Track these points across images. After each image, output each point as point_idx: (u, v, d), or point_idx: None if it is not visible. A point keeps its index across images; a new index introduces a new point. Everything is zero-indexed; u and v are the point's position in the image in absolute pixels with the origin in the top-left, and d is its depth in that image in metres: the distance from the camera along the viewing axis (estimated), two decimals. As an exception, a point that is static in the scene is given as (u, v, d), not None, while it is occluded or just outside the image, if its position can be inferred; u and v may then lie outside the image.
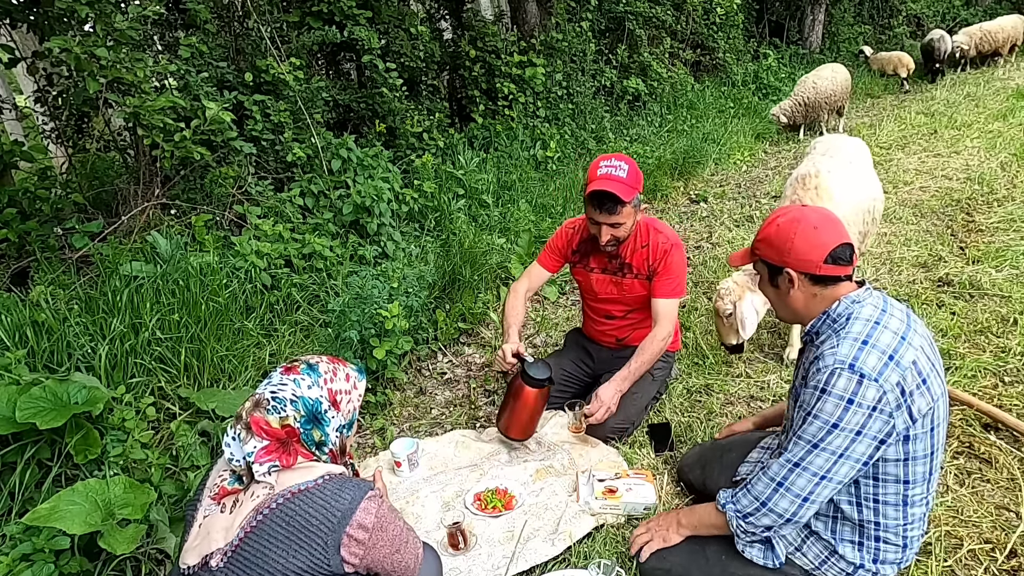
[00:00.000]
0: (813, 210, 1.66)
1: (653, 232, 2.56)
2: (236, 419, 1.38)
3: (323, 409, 1.43)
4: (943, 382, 1.57)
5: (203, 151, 3.51)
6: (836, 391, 1.47)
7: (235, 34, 4.89)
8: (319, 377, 1.45)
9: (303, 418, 1.40)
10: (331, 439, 1.46)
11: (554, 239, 2.76)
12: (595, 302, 2.75)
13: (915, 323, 1.59)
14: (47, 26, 3.28)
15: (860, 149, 3.39)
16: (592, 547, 2.05)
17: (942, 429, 1.56)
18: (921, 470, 1.53)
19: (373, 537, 1.35)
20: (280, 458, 1.36)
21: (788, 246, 1.62)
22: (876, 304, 1.57)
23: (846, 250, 1.59)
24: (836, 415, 1.47)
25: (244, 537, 1.29)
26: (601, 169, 2.37)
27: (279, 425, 1.37)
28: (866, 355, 1.47)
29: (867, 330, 1.51)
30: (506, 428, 2.51)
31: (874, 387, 1.44)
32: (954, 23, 14.17)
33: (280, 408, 1.38)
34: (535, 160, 6.12)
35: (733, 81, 9.63)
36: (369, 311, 3.06)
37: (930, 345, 1.59)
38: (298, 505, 1.31)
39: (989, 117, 7.36)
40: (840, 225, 1.64)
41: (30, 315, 2.59)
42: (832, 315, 1.60)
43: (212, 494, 1.39)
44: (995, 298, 3.32)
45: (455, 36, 7.06)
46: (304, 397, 1.41)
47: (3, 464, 2.08)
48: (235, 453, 1.36)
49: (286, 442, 1.37)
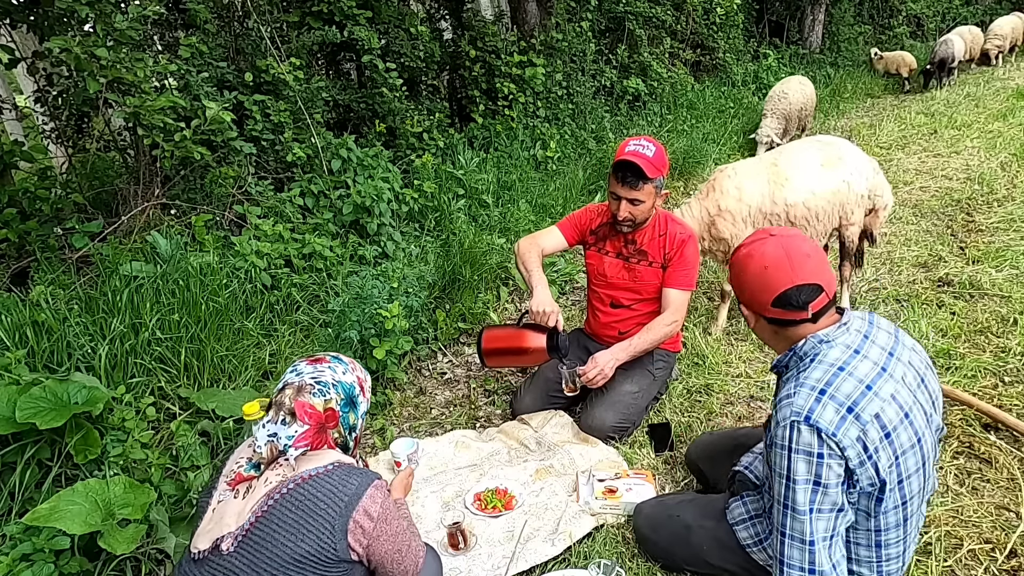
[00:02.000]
0: (774, 244, 1.51)
1: (671, 223, 2.61)
2: (276, 407, 1.43)
3: (356, 393, 1.53)
4: (928, 413, 1.47)
5: (203, 151, 3.51)
6: (801, 447, 1.39)
7: (235, 34, 4.89)
8: (347, 365, 1.55)
9: (343, 401, 1.49)
10: (359, 425, 1.56)
11: (578, 213, 2.78)
12: (604, 288, 2.74)
13: (902, 349, 1.50)
14: (47, 26, 3.28)
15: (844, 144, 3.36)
16: (592, 547, 2.05)
17: (924, 470, 1.45)
18: (893, 519, 1.45)
19: (378, 528, 1.38)
20: (313, 441, 1.42)
21: (739, 283, 1.57)
22: (849, 343, 1.46)
23: (800, 293, 1.46)
24: (814, 473, 1.39)
25: (255, 521, 1.32)
26: (629, 146, 2.41)
27: (323, 408, 1.44)
28: (823, 408, 1.39)
29: (828, 376, 1.42)
30: (489, 340, 2.57)
31: (832, 441, 1.37)
32: (954, 23, 14.18)
33: (324, 391, 1.46)
34: (535, 160, 6.12)
35: (733, 81, 9.62)
36: (369, 311, 3.06)
37: (917, 373, 1.49)
38: (307, 490, 1.34)
39: (989, 117, 7.36)
40: (804, 262, 1.48)
41: (30, 315, 2.59)
42: (799, 352, 1.51)
43: (228, 480, 1.42)
44: (995, 298, 3.32)
45: (455, 36, 7.06)
46: (342, 382, 1.50)
47: (3, 464, 2.08)
48: (259, 439, 1.40)
49: (323, 427, 1.45)
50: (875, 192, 3.20)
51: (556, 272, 4.28)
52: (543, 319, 2.49)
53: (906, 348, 1.52)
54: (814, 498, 1.41)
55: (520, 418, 2.79)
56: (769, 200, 3.11)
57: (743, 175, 3.18)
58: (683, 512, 1.90)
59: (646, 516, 1.99)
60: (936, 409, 1.52)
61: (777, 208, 3.11)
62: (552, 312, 2.48)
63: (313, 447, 1.42)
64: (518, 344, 2.54)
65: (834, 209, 3.14)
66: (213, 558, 1.33)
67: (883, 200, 3.24)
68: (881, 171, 3.28)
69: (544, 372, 2.83)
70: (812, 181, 3.11)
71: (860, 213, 3.19)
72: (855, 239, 3.25)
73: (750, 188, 3.13)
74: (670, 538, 1.89)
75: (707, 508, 1.87)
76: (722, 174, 3.24)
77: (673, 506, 1.95)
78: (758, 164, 3.24)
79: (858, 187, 3.13)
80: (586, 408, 2.68)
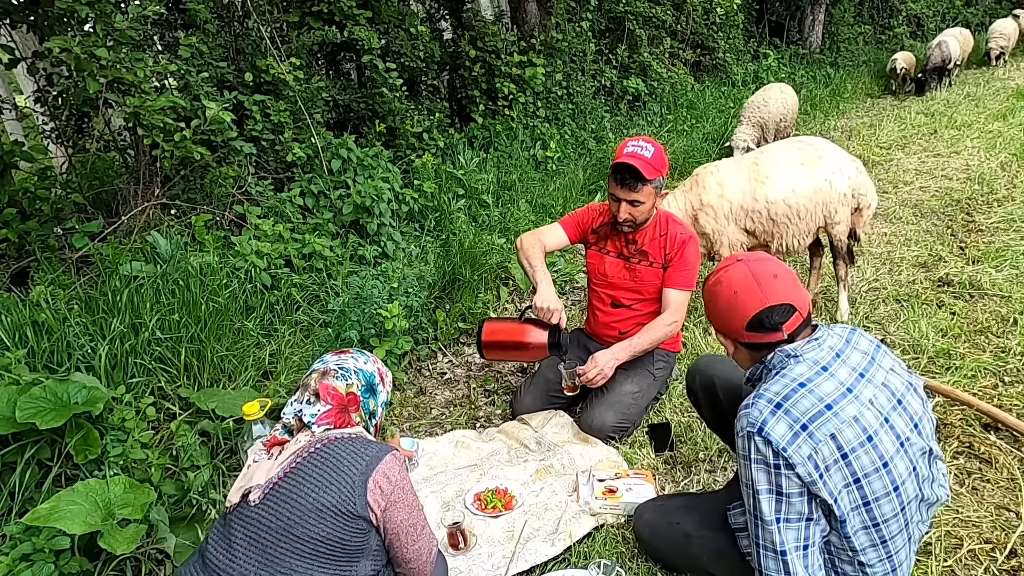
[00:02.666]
0: (741, 269, 1.52)
1: (672, 223, 2.61)
2: (303, 388, 1.56)
3: (376, 382, 1.65)
4: (902, 436, 1.43)
5: (203, 151, 3.51)
6: (757, 458, 1.40)
7: (235, 34, 4.89)
8: (368, 358, 1.68)
9: (363, 387, 1.60)
10: (379, 413, 1.67)
11: (581, 212, 2.78)
12: (605, 288, 2.74)
13: (876, 371, 1.47)
14: (47, 26, 3.28)
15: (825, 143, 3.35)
16: (592, 547, 2.04)
17: (900, 495, 1.41)
18: (866, 540, 1.43)
19: (396, 492, 1.46)
20: (336, 421, 1.53)
21: (712, 312, 1.58)
22: (818, 359, 1.45)
23: (772, 314, 1.47)
24: (773, 483, 1.40)
25: (283, 476, 1.42)
26: (628, 147, 2.41)
27: (345, 392, 1.56)
28: (776, 421, 1.38)
29: (787, 391, 1.41)
30: (489, 332, 2.56)
31: (783, 456, 1.37)
32: (954, 23, 14.18)
33: (347, 376, 1.58)
34: (535, 160, 6.12)
35: (733, 81, 9.63)
36: (369, 311, 3.06)
37: (893, 395, 1.46)
38: (333, 449, 1.45)
39: (989, 117, 7.36)
40: (773, 284, 1.48)
41: (30, 315, 2.59)
42: (767, 365, 1.52)
43: (264, 442, 1.54)
44: (995, 298, 3.32)
45: (455, 36, 7.06)
46: (363, 370, 1.63)
47: (3, 464, 2.08)
48: (288, 413, 1.54)
49: (345, 408, 1.55)
50: (859, 191, 3.21)
51: (556, 272, 4.27)
52: (546, 316, 2.49)
53: (882, 370, 1.50)
54: (779, 508, 1.40)
55: (520, 418, 2.79)
56: (750, 197, 3.14)
57: (725, 172, 3.23)
58: (683, 520, 1.87)
59: (645, 522, 1.96)
60: (921, 433, 1.48)
61: (758, 205, 3.13)
62: (556, 309, 2.48)
63: (337, 426, 1.52)
64: (519, 339, 2.54)
65: (816, 208, 3.16)
66: (241, 509, 1.42)
67: (867, 199, 3.25)
68: (865, 171, 3.29)
69: (544, 372, 2.83)
70: (793, 179, 3.13)
71: (845, 212, 3.20)
72: (844, 238, 3.26)
73: (732, 185, 3.17)
74: (669, 546, 1.89)
75: (707, 516, 1.83)
76: (705, 170, 3.29)
77: (673, 512, 1.93)
78: (740, 162, 3.28)
79: (840, 186, 3.15)
80: (586, 408, 2.68)
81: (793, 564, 1.41)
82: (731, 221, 3.16)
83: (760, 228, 3.18)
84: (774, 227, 3.17)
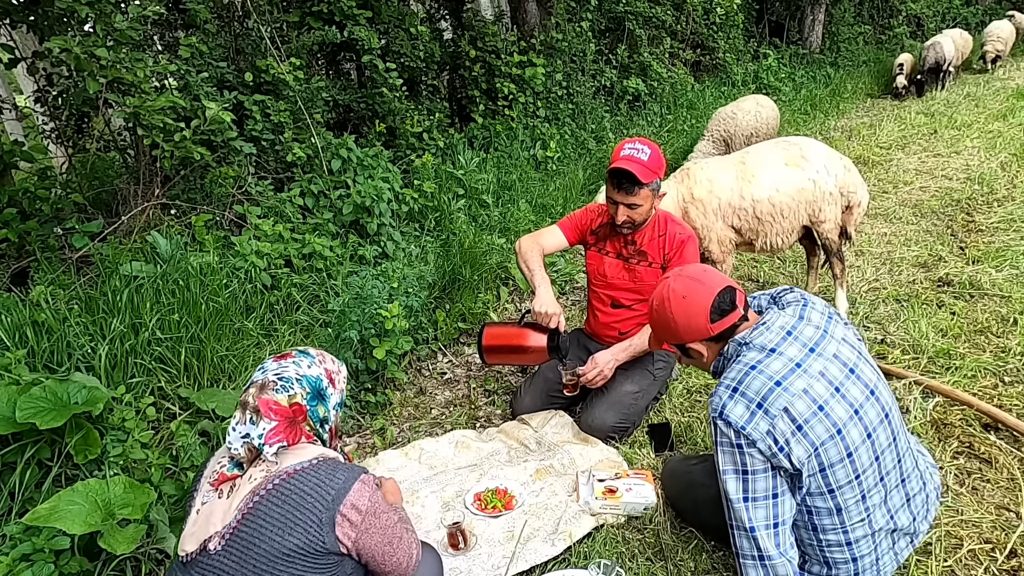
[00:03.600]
0: (675, 277, 1.65)
1: (671, 223, 2.61)
2: (242, 407, 1.43)
3: (324, 386, 1.53)
4: (855, 404, 1.51)
5: (203, 151, 3.51)
6: (722, 440, 1.52)
7: (235, 34, 4.89)
8: (313, 359, 1.55)
9: (309, 395, 1.49)
10: (332, 417, 1.55)
11: (579, 213, 2.78)
12: (604, 289, 2.74)
13: (827, 344, 1.56)
14: (47, 26, 3.28)
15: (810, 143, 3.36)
16: (592, 547, 2.04)
17: (853, 461, 1.50)
18: (823, 505, 1.52)
19: (366, 521, 1.38)
20: (288, 437, 1.42)
21: (674, 327, 1.64)
22: (767, 342, 1.56)
23: (725, 297, 1.60)
24: (738, 462, 1.50)
25: (241, 519, 1.33)
26: (624, 151, 2.41)
27: (288, 404, 1.44)
28: (735, 404, 1.50)
29: (740, 375, 1.53)
30: (489, 337, 2.57)
31: (743, 434, 1.48)
32: (954, 23, 14.18)
33: (288, 387, 1.46)
34: (535, 160, 6.12)
35: (733, 81, 9.62)
36: (369, 311, 3.06)
37: (845, 366, 1.55)
38: (293, 485, 1.35)
39: (989, 117, 7.36)
40: (707, 275, 1.63)
41: (30, 315, 2.58)
42: (725, 356, 1.65)
43: (211, 481, 1.43)
44: (995, 298, 3.32)
45: (455, 36, 7.05)
46: (307, 375, 1.50)
47: (3, 464, 2.08)
48: (233, 441, 1.40)
49: (294, 420, 1.45)
50: (847, 189, 3.22)
51: (556, 272, 4.28)
52: (545, 320, 2.49)
53: (834, 340, 1.59)
54: (744, 487, 1.51)
55: (520, 418, 2.79)
56: (738, 195, 3.16)
57: (714, 168, 3.26)
58: (695, 469, 2.04)
59: (670, 468, 2.17)
60: (879, 399, 1.57)
61: (745, 203, 3.16)
62: (555, 314, 2.48)
63: (290, 442, 1.42)
64: (519, 342, 2.54)
65: (800, 207, 3.17)
66: (201, 559, 1.33)
67: (857, 197, 3.26)
68: (854, 169, 3.29)
69: (544, 372, 2.83)
70: (776, 179, 3.16)
71: (833, 211, 3.21)
72: (834, 237, 3.26)
73: (721, 181, 3.19)
74: (677, 488, 2.09)
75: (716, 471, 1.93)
76: (695, 165, 3.31)
77: (693, 461, 2.12)
78: (727, 160, 3.31)
79: (826, 185, 3.16)
80: (586, 408, 2.68)
81: (763, 541, 1.51)
82: (719, 218, 3.19)
83: (746, 226, 3.20)
84: (759, 225, 3.19)
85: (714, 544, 2.01)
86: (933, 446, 2.34)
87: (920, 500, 1.69)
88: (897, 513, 1.62)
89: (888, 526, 1.60)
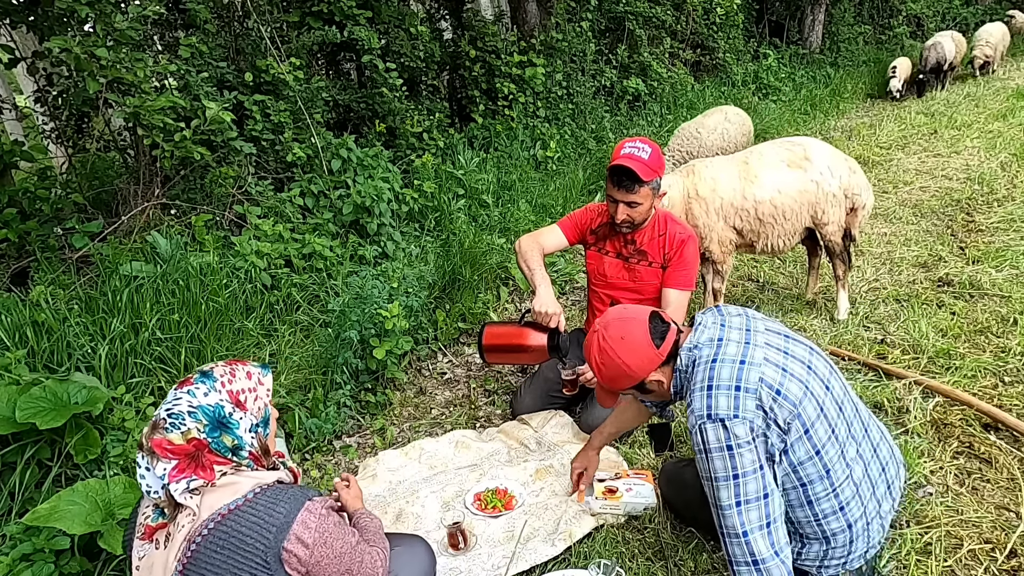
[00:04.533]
0: (604, 323, 1.69)
1: (671, 223, 2.60)
2: (139, 448, 1.32)
3: (227, 412, 1.37)
4: (805, 360, 1.59)
5: (203, 151, 3.51)
6: (712, 446, 1.50)
7: (235, 34, 4.89)
8: (215, 382, 1.39)
9: (207, 427, 1.33)
10: (246, 441, 1.39)
11: (579, 213, 2.78)
12: (604, 288, 2.74)
13: (754, 322, 1.66)
14: (47, 26, 3.28)
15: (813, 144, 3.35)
16: (592, 547, 2.05)
17: (825, 415, 1.55)
18: (814, 471, 1.55)
19: (316, 553, 1.30)
20: (195, 472, 1.31)
21: (627, 370, 1.66)
22: (710, 338, 1.62)
23: (655, 320, 1.66)
24: (729, 466, 1.50)
25: (182, 570, 1.25)
26: (625, 149, 2.41)
27: (183, 441, 1.31)
28: (715, 400, 1.51)
29: (707, 372, 1.56)
30: (490, 336, 2.56)
31: (738, 422, 1.48)
32: (954, 23, 14.18)
33: (179, 424, 1.31)
34: (535, 160, 6.12)
35: (733, 81, 9.62)
36: (369, 311, 3.06)
37: (779, 333, 1.65)
38: (230, 526, 1.27)
39: (989, 117, 7.36)
40: (628, 311, 1.70)
41: (30, 315, 2.59)
42: (681, 370, 1.66)
43: (139, 535, 1.34)
44: (995, 298, 3.32)
45: (455, 36, 7.06)
46: (203, 405, 1.34)
47: (3, 464, 2.08)
48: (151, 484, 1.31)
49: (196, 455, 1.31)
50: (852, 191, 3.21)
51: (556, 272, 4.28)
52: (545, 320, 2.49)
53: (758, 319, 1.69)
54: (737, 491, 1.50)
55: (520, 418, 2.80)
56: (740, 195, 3.16)
57: (718, 167, 3.24)
58: (689, 470, 2.02)
59: (666, 470, 2.16)
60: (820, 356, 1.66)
61: (747, 204, 3.15)
62: (555, 314, 2.49)
63: (206, 478, 1.31)
64: (519, 342, 2.54)
65: (803, 208, 3.16)
66: None
67: (862, 199, 3.25)
68: (860, 171, 3.28)
69: (544, 372, 2.83)
70: (779, 180, 3.15)
71: (837, 212, 3.20)
72: (837, 239, 3.25)
73: (724, 180, 3.18)
74: (672, 489, 2.10)
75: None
76: (700, 163, 3.30)
77: (686, 463, 2.10)
78: (731, 160, 3.29)
79: (829, 187, 3.15)
80: (586, 408, 2.68)
81: (756, 544, 1.51)
82: (720, 218, 3.17)
83: (748, 227, 3.19)
84: (760, 227, 3.18)
85: (714, 544, 2.01)
86: (933, 446, 2.34)
87: (886, 451, 1.74)
88: (870, 466, 1.66)
89: (867, 481, 1.63)
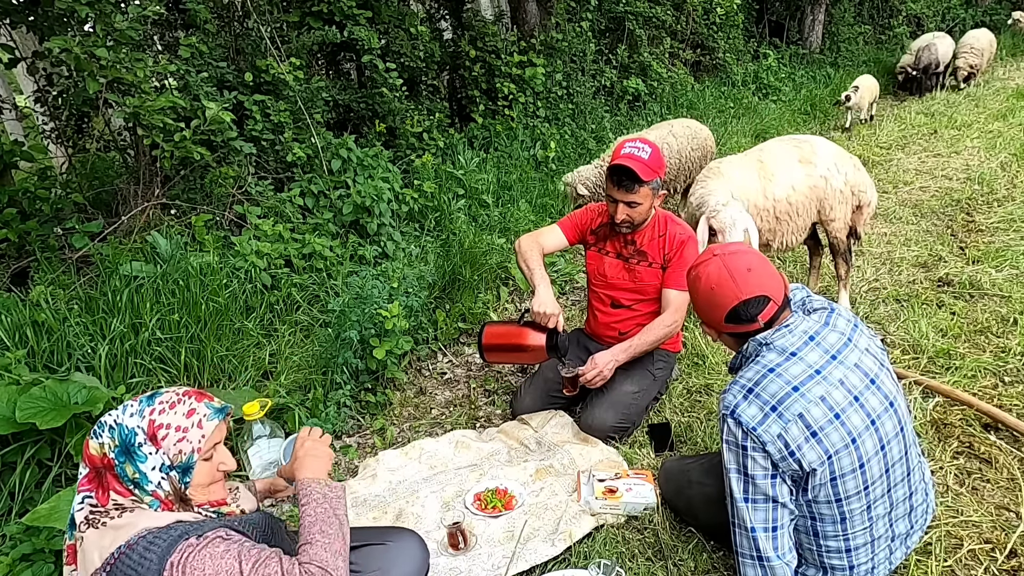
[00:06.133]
0: (716, 264, 1.59)
1: (671, 223, 2.60)
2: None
3: (136, 442, 1.24)
4: (872, 414, 1.50)
5: (203, 151, 3.51)
6: (729, 440, 1.51)
7: (235, 34, 4.89)
8: (147, 407, 1.28)
9: (117, 448, 1.24)
10: (150, 479, 1.24)
11: (579, 213, 2.78)
12: (604, 289, 2.74)
13: (849, 352, 1.54)
14: (47, 26, 3.28)
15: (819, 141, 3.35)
16: (592, 547, 2.04)
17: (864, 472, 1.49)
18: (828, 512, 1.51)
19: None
20: (95, 490, 1.24)
21: (695, 305, 1.67)
22: (788, 345, 1.53)
23: (748, 307, 1.55)
24: (741, 465, 1.50)
25: None
26: (625, 149, 2.41)
27: (98, 453, 1.24)
28: (748, 405, 1.49)
29: (757, 377, 1.51)
30: (489, 336, 2.57)
31: (754, 435, 1.47)
32: (954, 24, 14.17)
33: (99, 433, 1.25)
34: (535, 160, 6.12)
35: (733, 81, 9.62)
36: (369, 311, 3.06)
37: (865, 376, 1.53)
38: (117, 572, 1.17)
39: (989, 117, 7.35)
40: (746, 276, 1.55)
41: (30, 315, 2.59)
42: (744, 354, 1.63)
43: (66, 558, 1.27)
44: (995, 298, 3.32)
45: (455, 36, 7.06)
46: (122, 425, 1.25)
47: (3, 464, 2.08)
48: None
49: (101, 473, 1.24)
50: (857, 188, 3.22)
51: (556, 272, 4.28)
52: (544, 320, 2.49)
53: (856, 350, 1.57)
54: (746, 488, 1.51)
55: (520, 418, 2.79)
56: (761, 195, 3.15)
57: (738, 167, 3.22)
58: (692, 469, 2.05)
59: (666, 468, 2.16)
60: (897, 411, 1.56)
61: (768, 203, 3.14)
62: (554, 314, 2.48)
63: (99, 501, 1.23)
64: (518, 342, 2.54)
65: (812, 204, 3.17)
66: None
67: (867, 197, 3.25)
68: (864, 168, 3.29)
69: (544, 372, 2.83)
70: (792, 177, 3.15)
71: (843, 209, 3.20)
72: (842, 236, 3.25)
73: (745, 182, 3.17)
74: (672, 488, 2.09)
75: (712, 468, 1.93)
76: (720, 164, 3.26)
77: (689, 462, 2.12)
78: (746, 159, 3.29)
79: (836, 183, 3.15)
80: (586, 408, 2.68)
81: (762, 542, 1.51)
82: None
83: (766, 226, 3.18)
84: (777, 224, 3.17)
85: (714, 544, 2.01)
86: (933, 446, 2.34)
87: (921, 511, 1.70)
88: (897, 523, 1.62)
89: (887, 534, 1.61)
